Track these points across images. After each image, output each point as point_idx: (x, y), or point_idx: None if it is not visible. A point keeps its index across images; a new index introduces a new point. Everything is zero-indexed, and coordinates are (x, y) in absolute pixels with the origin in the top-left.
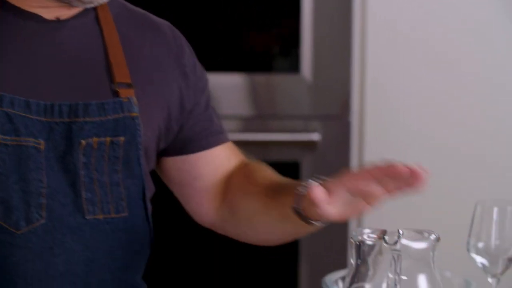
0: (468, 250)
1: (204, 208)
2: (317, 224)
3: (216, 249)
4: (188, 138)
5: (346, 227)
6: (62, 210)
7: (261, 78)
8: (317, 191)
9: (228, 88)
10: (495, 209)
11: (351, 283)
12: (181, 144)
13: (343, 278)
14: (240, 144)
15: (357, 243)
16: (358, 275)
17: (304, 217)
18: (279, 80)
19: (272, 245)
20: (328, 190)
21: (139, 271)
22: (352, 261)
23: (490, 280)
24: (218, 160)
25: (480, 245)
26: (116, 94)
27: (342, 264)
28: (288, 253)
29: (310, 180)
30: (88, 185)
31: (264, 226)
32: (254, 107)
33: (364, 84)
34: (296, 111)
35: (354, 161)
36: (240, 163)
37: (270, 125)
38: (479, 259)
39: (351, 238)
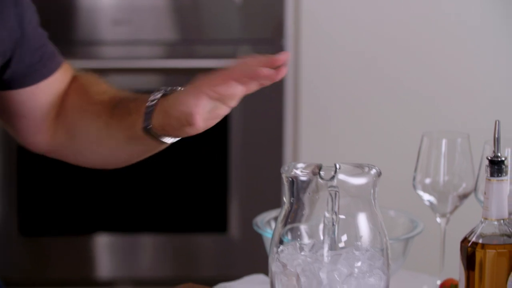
0: (414, 187)
1: (39, 136)
2: (170, 140)
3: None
4: (27, 69)
5: (280, 163)
6: None
7: None
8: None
9: (150, 11)
10: (444, 141)
11: (285, 223)
12: (20, 76)
13: (276, 219)
14: (164, 72)
15: (290, 179)
16: (293, 215)
17: (157, 136)
18: (206, 1)
19: (116, 168)
20: (193, 105)
21: None
22: (286, 199)
23: (438, 220)
24: (57, 84)
25: (427, 181)
26: None
27: (276, 204)
28: (216, 192)
29: (156, 93)
30: None
31: (109, 150)
32: (179, 31)
33: (299, 4)
34: (225, 35)
35: (289, 88)
36: (71, 78)
37: (196, 50)
38: (427, 197)
39: (283, 173)
